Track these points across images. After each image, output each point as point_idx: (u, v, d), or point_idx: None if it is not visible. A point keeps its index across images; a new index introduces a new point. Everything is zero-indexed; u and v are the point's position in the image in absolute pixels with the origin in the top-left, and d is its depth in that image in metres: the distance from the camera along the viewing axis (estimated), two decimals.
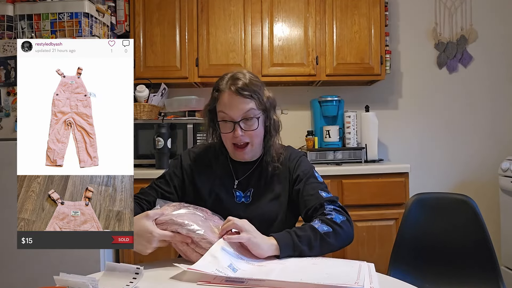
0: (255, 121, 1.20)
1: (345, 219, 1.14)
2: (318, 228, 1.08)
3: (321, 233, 1.08)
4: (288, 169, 1.28)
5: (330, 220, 1.12)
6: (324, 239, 1.07)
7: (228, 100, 1.19)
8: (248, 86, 1.19)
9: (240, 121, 1.19)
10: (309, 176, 1.25)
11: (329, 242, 1.08)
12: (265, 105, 1.23)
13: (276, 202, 1.24)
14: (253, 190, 1.25)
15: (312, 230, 1.08)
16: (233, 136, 1.20)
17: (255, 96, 1.20)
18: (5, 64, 2.18)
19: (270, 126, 1.26)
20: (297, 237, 1.05)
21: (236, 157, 1.28)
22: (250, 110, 1.19)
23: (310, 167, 1.29)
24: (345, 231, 1.12)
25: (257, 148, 1.27)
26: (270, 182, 1.26)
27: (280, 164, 1.27)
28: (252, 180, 1.27)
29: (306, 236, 1.07)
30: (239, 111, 1.18)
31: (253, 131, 1.20)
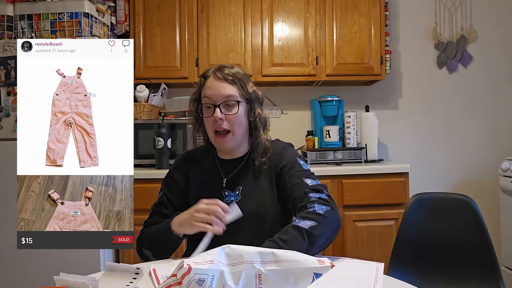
0: (236, 106, 1.21)
1: (329, 209, 1.11)
2: (301, 225, 1.05)
3: (306, 229, 1.04)
4: (273, 161, 1.27)
5: (312, 213, 1.09)
6: (311, 234, 1.04)
7: (211, 83, 1.22)
8: (233, 74, 1.23)
9: (220, 104, 1.20)
10: (292, 164, 1.24)
11: (317, 235, 1.05)
12: (250, 96, 1.25)
13: (266, 198, 1.23)
14: (242, 188, 1.25)
15: (295, 229, 1.05)
16: (213, 121, 1.20)
17: (238, 82, 1.22)
18: (5, 64, 2.18)
19: (256, 122, 1.26)
20: (282, 242, 1.01)
21: (218, 146, 1.26)
22: (232, 95, 1.21)
23: (294, 156, 1.27)
24: (329, 220, 1.09)
25: (239, 138, 1.25)
26: (258, 178, 1.26)
27: (268, 159, 1.26)
28: (240, 178, 1.26)
29: (291, 237, 1.03)
30: (220, 95, 1.20)
31: (233, 115, 1.20)
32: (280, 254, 0.85)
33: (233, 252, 0.85)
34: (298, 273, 0.83)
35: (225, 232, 1.11)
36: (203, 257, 0.84)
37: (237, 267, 0.84)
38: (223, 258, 0.84)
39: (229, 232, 1.12)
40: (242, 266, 0.84)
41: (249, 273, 0.83)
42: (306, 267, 0.83)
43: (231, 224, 1.13)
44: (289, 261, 0.84)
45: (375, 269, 0.96)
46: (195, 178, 1.29)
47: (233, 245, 0.87)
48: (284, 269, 0.83)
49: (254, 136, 1.28)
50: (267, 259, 0.84)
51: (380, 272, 0.95)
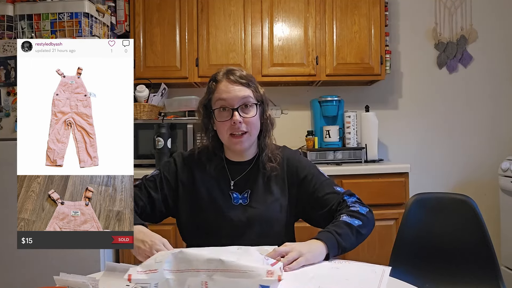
0: (253, 108, 1.21)
1: (368, 210, 1.19)
2: (350, 222, 1.11)
3: (355, 227, 1.11)
4: (286, 170, 1.27)
5: (357, 213, 1.15)
6: (359, 232, 1.11)
7: (225, 87, 1.20)
8: (246, 77, 1.22)
9: (238, 107, 1.19)
10: (317, 174, 1.27)
11: (363, 234, 1.13)
12: (262, 98, 1.25)
13: (276, 203, 1.23)
14: (251, 192, 1.24)
15: (347, 225, 1.11)
16: (231, 124, 1.18)
17: (252, 85, 1.22)
18: (5, 64, 2.18)
19: (268, 123, 1.26)
20: (338, 236, 1.07)
21: (234, 147, 1.24)
22: (248, 97, 1.20)
23: (313, 165, 1.31)
24: (370, 221, 1.17)
25: (254, 138, 1.25)
26: (268, 183, 1.25)
27: (277, 165, 1.26)
28: (248, 181, 1.25)
29: (345, 233, 1.09)
30: (237, 98, 1.19)
31: (251, 118, 1.20)
32: (229, 263, 0.83)
33: (184, 257, 0.86)
34: (244, 284, 0.82)
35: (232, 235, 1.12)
36: (149, 264, 0.88)
37: (184, 275, 0.85)
38: (170, 265, 0.86)
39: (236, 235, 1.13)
40: (188, 273, 0.85)
41: (195, 281, 0.84)
42: (252, 278, 0.81)
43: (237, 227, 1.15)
44: (236, 271, 0.83)
45: (381, 272, 0.95)
46: (203, 178, 1.26)
47: (186, 250, 0.88)
48: (229, 280, 0.82)
49: (262, 138, 1.27)
50: (215, 267, 0.84)
51: (386, 275, 0.94)
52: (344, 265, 1.01)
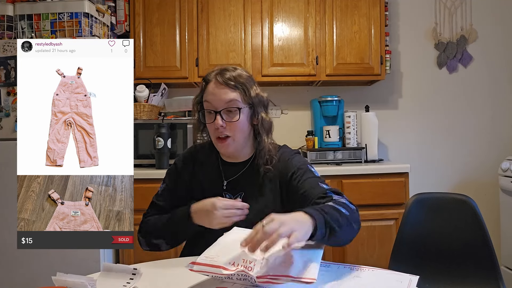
0: (237, 113, 1.17)
1: (355, 208, 1.07)
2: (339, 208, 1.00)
3: (343, 212, 0.99)
4: (279, 169, 1.23)
5: (345, 204, 1.04)
6: (348, 220, 1.00)
7: (212, 89, 1.18)
8: (235, 78, 1.19)
9: (221, 110, 1.16)
10: (304, 171, 1.20)
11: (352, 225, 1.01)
12: (253, 100, 1.20)
13: (269, 205, 1.20)
14: (244, 194, 1.22)
15: (334, 209, 0.99)
16: (214, 128, 1.18)
17: (240, 87, 1.18)
18: (5, 64, 2.18)
19: (259, 125, 1.23)
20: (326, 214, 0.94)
21: (220, 150, 1.24)
22: (233, 101, 1.17)
23: (304, 162, 1.24)
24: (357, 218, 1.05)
25: (240, 143, 1.22)
26: (262, 184, 1.23)
27: (272, 167, 1.23)
28: (242, 182, 1.24)
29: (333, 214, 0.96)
30: (221, 101, 1.16)
31: (233, 122, 1.17)
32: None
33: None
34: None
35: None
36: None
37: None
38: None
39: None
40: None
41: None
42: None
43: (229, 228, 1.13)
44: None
45: (408, 281, 0.87)
46: (199, 176, 1.27)
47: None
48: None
49: (258, 141, 1.25)
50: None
51: (413, 285, 0.86)
52: (366, 274, 0.93)
